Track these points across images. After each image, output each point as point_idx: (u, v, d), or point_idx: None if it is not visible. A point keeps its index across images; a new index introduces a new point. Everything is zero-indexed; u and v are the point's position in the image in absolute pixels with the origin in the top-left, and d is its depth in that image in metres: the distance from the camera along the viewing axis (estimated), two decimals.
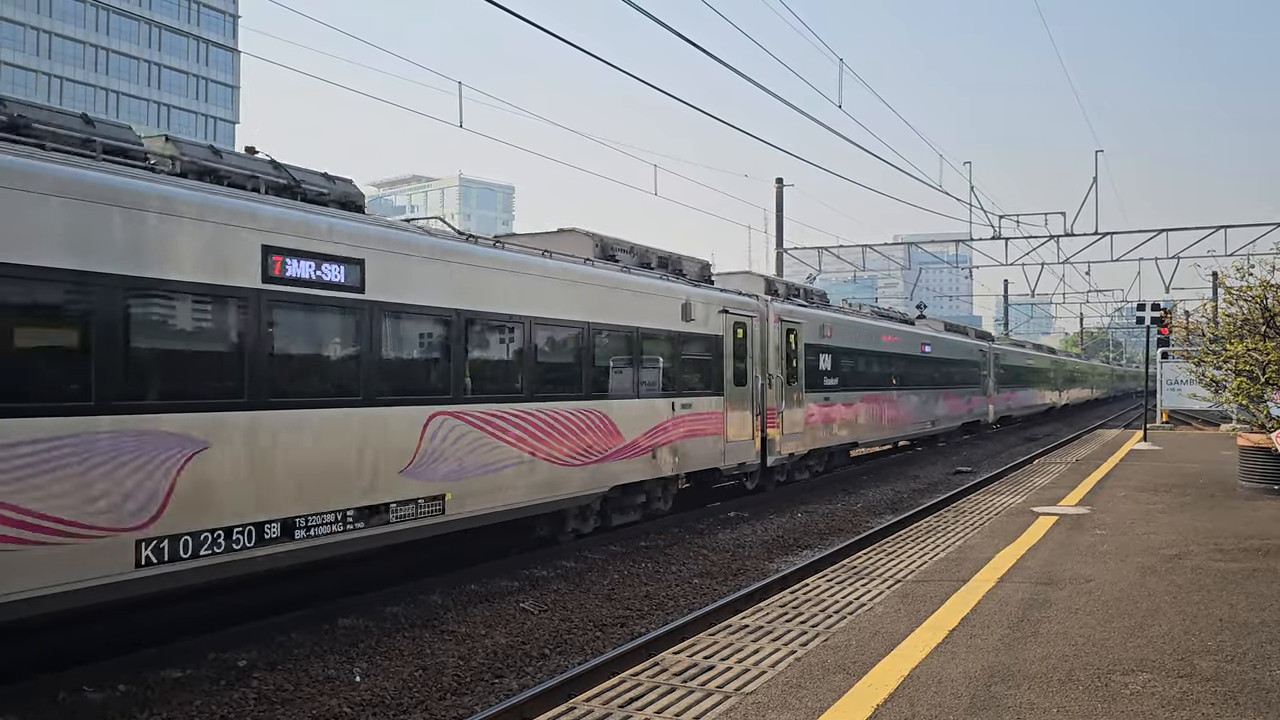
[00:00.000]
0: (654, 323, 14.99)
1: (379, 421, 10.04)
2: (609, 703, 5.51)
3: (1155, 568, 8.78)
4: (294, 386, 9.26)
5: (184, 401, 8.29)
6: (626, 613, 10.71)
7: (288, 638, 9.80)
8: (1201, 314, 15.14)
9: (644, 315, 14.75)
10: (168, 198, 8.21)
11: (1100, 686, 5.50)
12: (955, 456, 29.38)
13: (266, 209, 9.12)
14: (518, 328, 12.23)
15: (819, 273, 37.08)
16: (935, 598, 7.68)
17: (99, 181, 7.74)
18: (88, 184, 7.63)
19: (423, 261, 10.84)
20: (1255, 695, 5.35)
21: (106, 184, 7.78)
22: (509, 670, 8.79)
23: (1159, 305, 25.33)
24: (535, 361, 12.53)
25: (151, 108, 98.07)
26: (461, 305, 11.27)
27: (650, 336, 14.91)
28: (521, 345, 12.32)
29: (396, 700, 7.94)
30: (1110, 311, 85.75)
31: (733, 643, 6.71)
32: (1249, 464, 14.45)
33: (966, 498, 15.09)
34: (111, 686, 8.44)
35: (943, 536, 10.88)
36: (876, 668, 5.87)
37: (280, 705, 7.91)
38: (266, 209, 9.12)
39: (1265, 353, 9.76)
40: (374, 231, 10.35)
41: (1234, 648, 6.25)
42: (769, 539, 15.28)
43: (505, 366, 12.14)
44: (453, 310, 11.16)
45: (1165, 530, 10.83)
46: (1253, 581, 8.18)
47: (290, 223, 9.25)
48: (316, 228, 9.50)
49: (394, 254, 10.40)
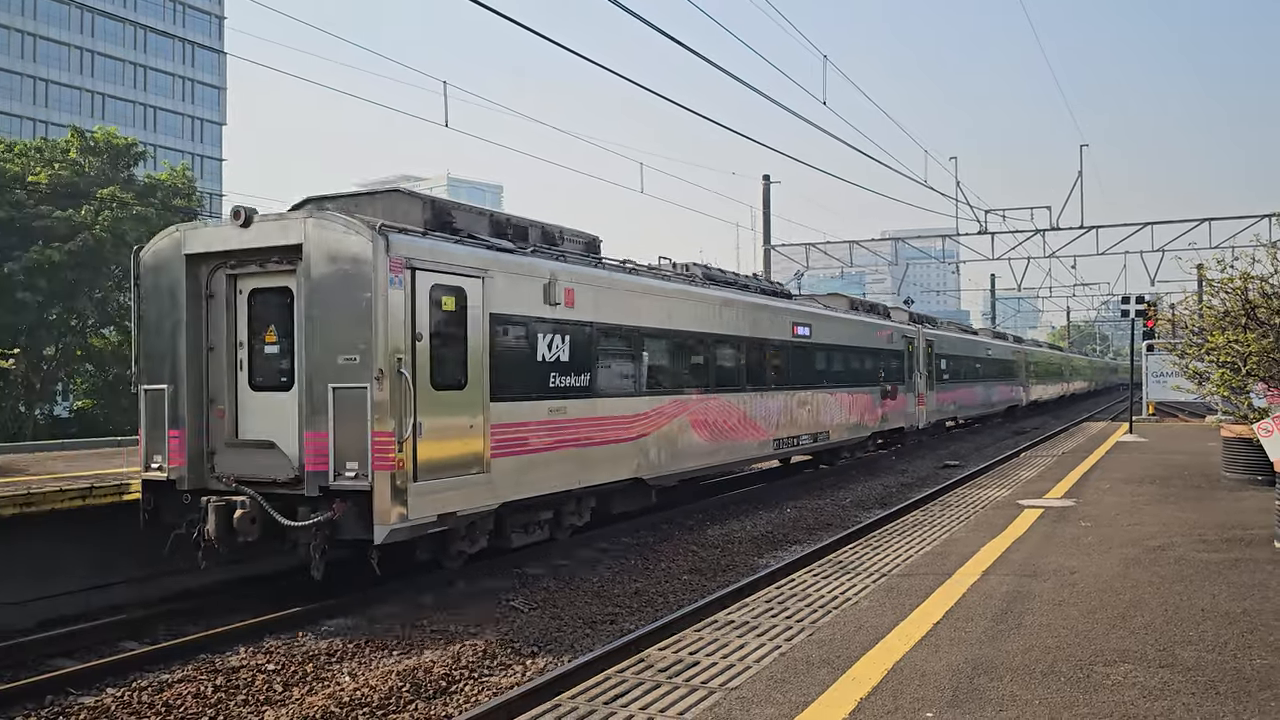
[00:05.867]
0: (879, 345, 25.71)
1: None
2: (594, 700, 5.54)
3: (1139, 559, 8.84)
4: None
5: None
6: (616, 610, 10.73)
7: (277, 638, 9.80)
8: (1185, 307, 15.29)
9: (880, 341, 25.94)
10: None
11: (1082, 677, 5.55)
12: (943, 450, 29.47)
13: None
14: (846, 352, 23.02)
15: (806, 269, 37.17)
16: (920, 591, 7.72)
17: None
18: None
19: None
20: (1235, 684, 5.40)
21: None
22: (498, 669, 8.81)
23: (1143, 298, 25.47)
24: (827, 361, 22.06)
25: (137, 109, 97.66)
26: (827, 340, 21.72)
27: (870, 350, 24.96)
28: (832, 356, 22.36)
29: (385, 700, 7.95)
30: (1096, 305, 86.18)
31: (719, 638, 6.74)
32: (1232, 455, 14.56)
33: (953, 491, 15.17)
34: (99, 688, 8.45)
35: (929, 530, 10.94)
36: (860, 661, 5.90)
37: (269, 705, 7.92)
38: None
39: (1246, 344, 9.82)
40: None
41: (1215, 637, 6.30)
42: (758, 535, 15.33)
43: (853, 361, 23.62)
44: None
45: (1149, 522, 10.91)
46: (1235, 572, 8.25)
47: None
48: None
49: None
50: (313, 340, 10.14)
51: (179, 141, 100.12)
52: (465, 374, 10.91)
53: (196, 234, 11.06)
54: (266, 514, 10.06)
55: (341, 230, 10.09)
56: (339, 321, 10.00)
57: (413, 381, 10.09)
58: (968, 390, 35.49)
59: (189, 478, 10.80)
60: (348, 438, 9.83)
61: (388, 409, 9.82)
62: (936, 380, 30.70)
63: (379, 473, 9.75)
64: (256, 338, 10.92)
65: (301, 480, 10.14)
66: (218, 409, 10.97)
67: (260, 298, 10.87)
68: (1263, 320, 9.82)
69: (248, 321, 10.94)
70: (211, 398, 11.00)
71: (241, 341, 10.96)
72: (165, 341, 11.03)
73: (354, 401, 9.82)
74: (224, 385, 10.96)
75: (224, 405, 10.94)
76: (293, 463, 10.31)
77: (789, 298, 22.05)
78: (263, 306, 10.87)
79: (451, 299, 10.79)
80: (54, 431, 38.71)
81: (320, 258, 10.13)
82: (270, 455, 10.49)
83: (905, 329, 28.52)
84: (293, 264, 10.42)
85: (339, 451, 9.87)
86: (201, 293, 11.01)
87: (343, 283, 9.98)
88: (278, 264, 10.57)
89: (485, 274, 11.21)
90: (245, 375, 10.96)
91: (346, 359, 9.90)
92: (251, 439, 10.76)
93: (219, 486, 10.67)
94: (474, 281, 11.05)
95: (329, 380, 9.95)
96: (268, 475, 10.39)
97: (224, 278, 10.95)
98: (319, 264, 10.12)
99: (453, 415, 10.70)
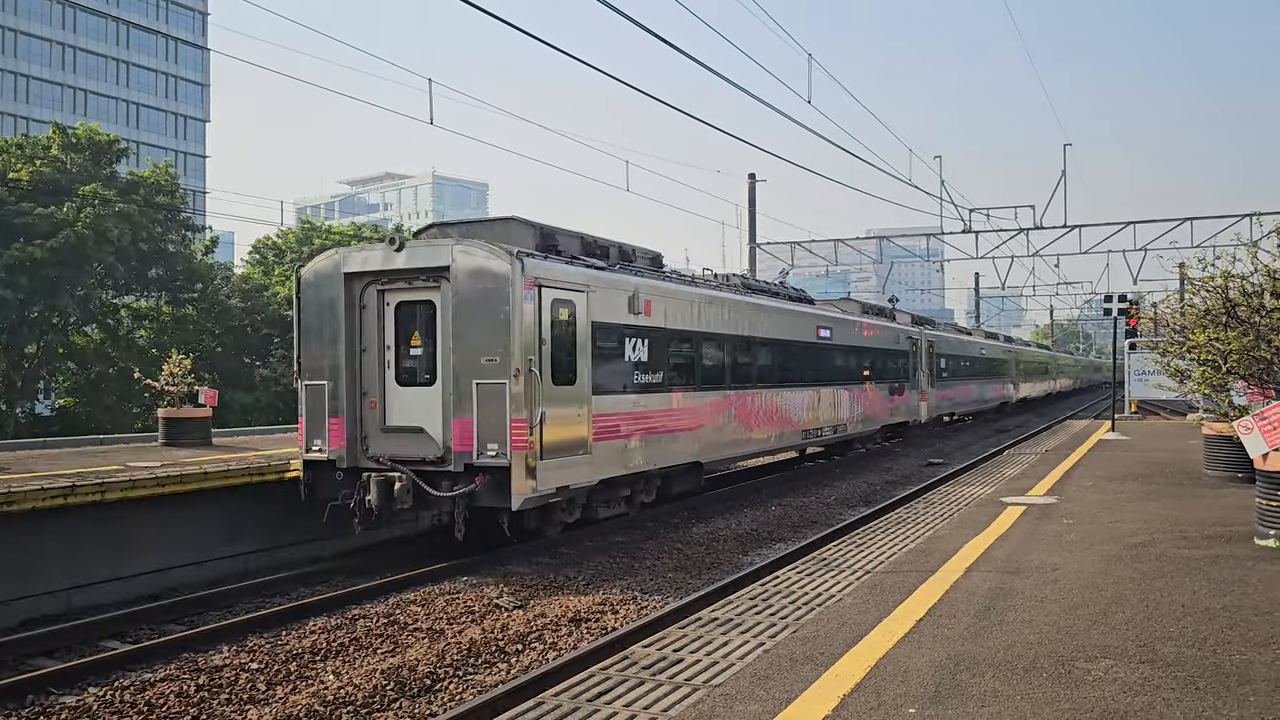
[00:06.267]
0: (885, 344, 27.81)
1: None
2: (577, 697, 5.54)
3: (1120, 556, 8.90)
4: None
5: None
6: (601, 607, 10.74)
7: (260, 636, 9.78)
8: (1167, 305, 15.41)
9: (887, 341, 27.98)
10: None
11: (1063, 673, 5.58)
12: (928, 449, 29.59)
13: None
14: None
15: (791, 267, 37.23)
16: (904, 588, 7.75)
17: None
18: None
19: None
20: (1215, 679, 5.44)
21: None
22: (483, 667, 8.80)
23: (1125, 297, 25.62)
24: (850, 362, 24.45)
25: (120, 106, 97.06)
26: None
27: (881, 350, 27.26)
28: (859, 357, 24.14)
29: (369, 698, 7.93)
30: (1080, 303, 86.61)
31: (702, 635, 6.76)
32: (1213, 452, 14.67)
33: (937, 489, 15.22)
34: (80, 687, 8.40)
35: (913, 528, 10.98)
36: (844, 658, 5.92)
37: (252, 704, 7.90)
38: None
39: (1227, 342, 9.88)
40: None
41: (1195, 633, 6.34)
42: (743, 532, 15.36)
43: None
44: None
45: (1131, 519, 10.98)
46: (1215, 568, 8.31)
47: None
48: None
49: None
50: (458, 344, 12.22)
51: (162, 138, 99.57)
52: (575, 372, 13.14)
53: (353, 256, 13.21)
54: (419, 486, 12.24)
55: (484, 255, 12.24)
56: (481, 329, 12.08)
57: (540, 378, 12.25)
58: (964, 388, 37.84)
59: (346, 458, 12.84)
60: (488, 424, 11.95)
61: (522, 401, 11.96)
62: (936, 378, 32.82)
63: (516, 452, 11.88)
64: (402, 342, 12.95)
65: (446, 459, 12.28)
66: (370, 401, 12.98)
67: (406, 309, 12.94)
68: (1243, 318, 9.89)
69: (394, 328, 12.97)
70: (364, 391, 13.01)
71: (389, 345, 12.97)
72: (324, 345, 13.07)
73: (494, 394, 11.95)
74: (375, 381, 12.99)
75: (375, 398, 12.97)
76: (439, 444, 12.42)
77: (811, 303, 24.01)
78: (408, 316, 12.93)
79: (566, 310, 13.03)
80: (35, 430, 38.43)
81: (465, 277, 12.22)
82: (419, 438, 12.58)
83: (910, 331, 30.60)
84: (436, 282, 12.53)
85: (481, 435, 11.98)
86: (356, 304, 13.01)
87: (485, 298, 12.09)
88: (423, 282, 12.67)
89: (588, 289, 13.47)
90: (392, 373, 12.98)
91: (488, 360, 12.02)
92: (401, 425, 12.80)
93: (371, 465, 12.69)
94: (581, 295, 13.30)
95: (473, 377, 12.04)
96: (417, 455, 12.49)
97: (375, 292, 12.99)
98: (464, 282, 12.22)
99: (566, 406, 12.89)
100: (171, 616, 10.85)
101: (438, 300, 12.58)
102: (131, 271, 40.93)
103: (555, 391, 12.60)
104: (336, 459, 12.86)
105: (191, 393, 18.05)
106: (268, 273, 50.39)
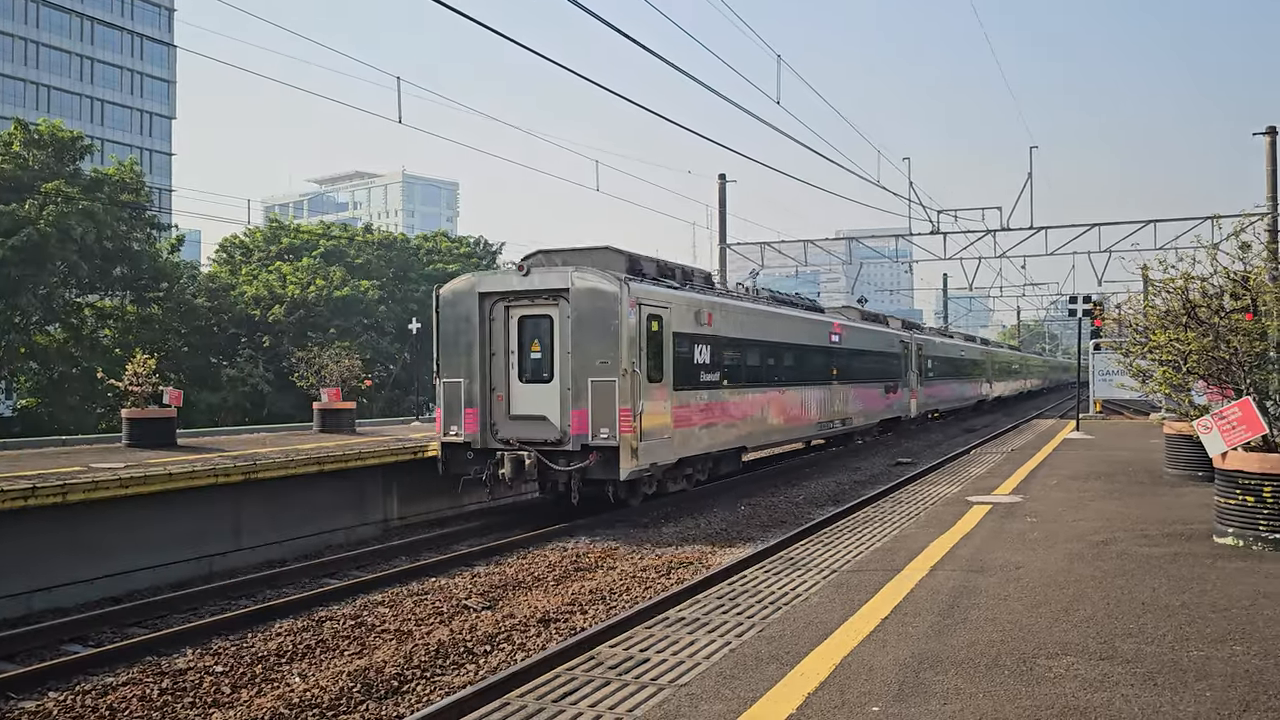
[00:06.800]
0: (881, 347, 30.57)
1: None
2: (543, 698, 5.54)
3: (1083, 554, 9.00)
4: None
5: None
6: (570, 608, 10.74)
7: (225, 639, 9.70)
8: (1130, 306, 15.63)
9: (882, 345, 30.91)
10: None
11: (1025, 670, 5.64)
12: (896, 449, 29.80)
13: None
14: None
15: (762, 268, 37.34)
16: (869, 587, 7.80)
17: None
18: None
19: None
20: (1173, 675, 5.52)
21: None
22: (451, 668, 8.78)
23: (1090, 298, 25.91)
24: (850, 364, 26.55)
25: (84, 102, 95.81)
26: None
27: (878, 353, 30.13)
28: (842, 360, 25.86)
29: (335, 700, 7.89)
30: (1046, 304, 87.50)
31: (669, 635, 6.77)
32: (1174, 452, 14.87)
33: (904, 488, 15.33)
34: (40, 692, 8.30)
35: (880, 526, 11.05)
36: (809, 657, 5.95)
37: (217, 708, 7.83)
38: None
39: (1187, 343, 10.00)
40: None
41: (1154, 630, 6.43)
42: (712, 532, 15.40)
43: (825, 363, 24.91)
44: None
45: (1094, 517, 11.10)
46: (1175, 565, 8.42)
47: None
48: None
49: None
50: (576, 349, 15.20)
51: (127, 135, 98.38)
52: (662, 372, 16.17)
53: (487, 279, 16.40)
54: (543, 463, 15.26)
55: (597, 279, 15.33)
56: (595, 337, 15.08)
57: (639, 377, 15.24)
58: (948, 387, 41.51)
59: (479, 440, 15.85)
60: (601, 412, 14.97)
61: (627, 395, 14.99)
62: (924, 378, 36.25)
63: (623, 435, 14.92)
64: (524, 347, 15.90)
65: (564, 440, 15.33)
66: (498, 394, 16.02)
67: (528, 321, 15.91)
68: (1203, 320, 10.00)
69: (518, 337, 15.94)
70: (493, 387, 16.03)
71: (513, 350, 15.96)
72: (460, 350, 16.03)
73: (606, 389, 14.98)
74: (502, 379, 16.00)
75: (501, 392, 16.00)
76: (558, 429, 15.45)
77: (821, 311, 27.81)
78: (530, 327, 15.88)
79: (656, 322, 16.09)
80: None
81: (582, 296, 15.21)
82: (541, 424, 15.62)
83: (902, 335, 34.10)
84: (555, 300, 15.55)
85: (595, 421, 15.00)
86: (487, 318, 15.98)
87: (599, 313, 15.10)
88: (544, 300, 15.69)
89: (670, 305, 16.62)
90: (515, 372, 15.94)
91: (601, 362, 15.04)
92: (525, 414, 15.80)
93: (501, 446, 15.69)
94: (665, 310, 16.43)
95: (589, 375, 15.09)
96: (540, 437, 15.52)
97: (502, 308, 16.01)
98: (581, 300, 15.21)
99: (656, 400, 15.91)
100: (136, 619, 10.74)
101: (555, 315, 15.56)
102: (95, 270, 40.40)
103: (649, 388, 15.57)
104: (471, 441, 15.88)
105: (156, 393, 17.86)
106: (235, 272, 49.91)
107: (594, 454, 14.92)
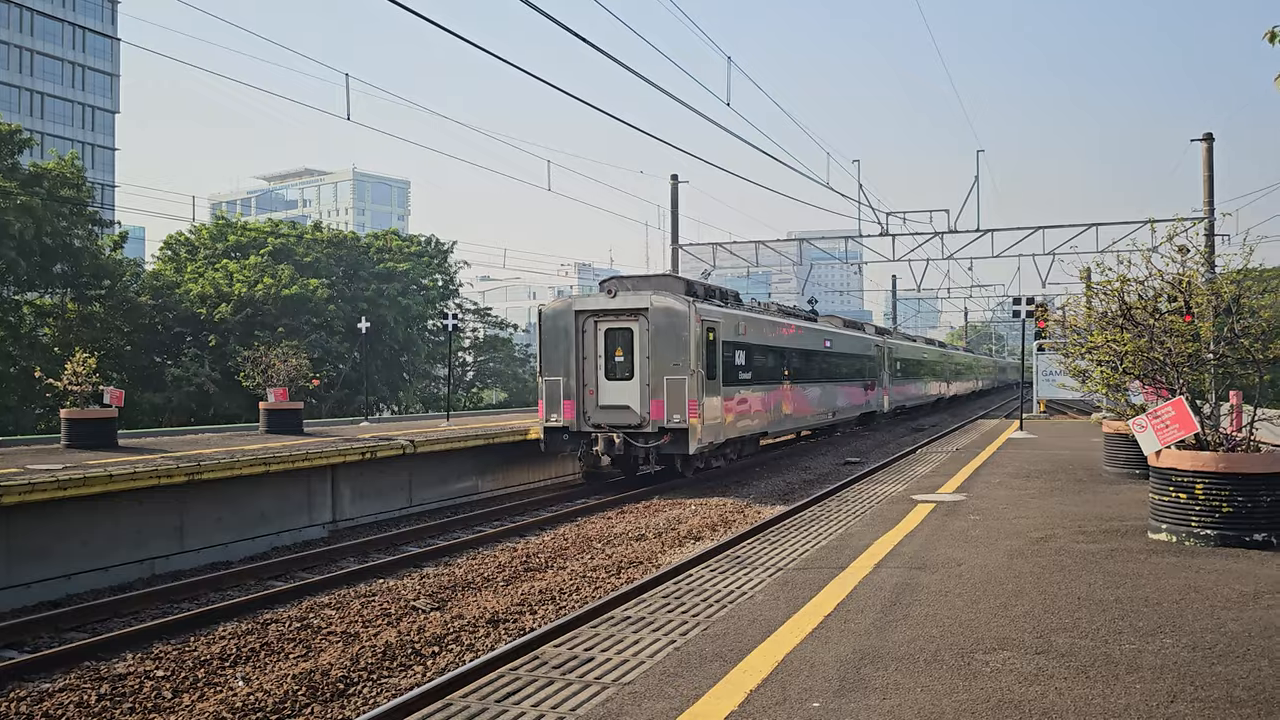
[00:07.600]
0: (860, 351, 35.18)
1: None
2: (485, 698, 5.54)
3: (1022, 550, 9.18)
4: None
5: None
6: (520, 608, 10.72)
7: (167, 643, 9.56)
8: (1071, 308, 15.95)
9: (861, 349, 35.08)
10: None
11: (963, 665, 5.74)
12: (845, 448, 30.11)
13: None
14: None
15: (714, 268, 37.53)
16: (814, 584, 7.89)
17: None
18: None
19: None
20: (1105, 668, 5.66)
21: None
22: (398, 670, 8.73)
23: (1034, 299, 26.37)
24: (836, 366, 30.87)
25: (24, 95, 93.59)
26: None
27: (858, 355, 34.76)
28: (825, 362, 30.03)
29: (280, 704, 7.81)
30: (992, 306, 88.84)
31: (614, 634, 6.80)
32: (1112, 450, 15.21)
33: (852, 487, 15.49)
34: None
35: (826, 525, 11.17)
36: (752, 654, 6.01)
37: (158, 713, 7.72)
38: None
39: (1123, 344, 10.25)
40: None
41: (1089, 624, 6.58)
42: (662, 531, 15.43)
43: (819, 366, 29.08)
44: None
45: (1034, 514, 11.32)
46: (1110, 561, 8.62)
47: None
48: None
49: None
50: (653, 355, 19.49)
51: (68, 129, 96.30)
52: (716, 372, 20.42)
53: (582, 300, 20.64)
54: (627, 442, 19.45)
55: (671, 300, 19.76)
56: (669, 345, 19.41)
57: (701, 376, 19.50)
58: (913, 386, 46.50)
59: (574, 425, 20.07)
60: (674, 402, 19.28)
61: (694, 389, 19.31)
62: (894, 378, 41.10)
63: (691, 420, 19.26)
64: (610, 353, 20.05)
65: (644, 424, 19.56)
66: (589, 389, 20.12)
67: (612, 333, 20.04)
68: (1138, 321, 10.25)
69: (604, 345, 20.09)
70: (584, 383, 20.14)
71: (600, 355, 20.09)
72: (559, 355, 20.26)
73: (678, 385, 19.32)
74: (591, 377, 20.12)
75: (592, 388, 20.11)
76: (639, 415, 19.64)
77: (816, 320, 32.36)
78: (614, 337, 20.03)
79: (712, 334, 20.36)
80: None
81: (658, 314, 19.54)
82: (624, 412, 19.80)
83: (877, 340, 38.70)
84: (635, 317, 19.81)
85: (669, 409, 19.30)
86: (579, 330, 20.12)
87: (672, 326, 19.47)
88: (626, 317, 19.91)
89: (720, 320, 20.98)
90: (602, 372, 20.06)
91: (674, 364, 19.35)
92: (612, 404, 19.95)
93: (592, 429, 19.93)
94: (718, 323, 20.77)
95: (664, 375, 19.39)
96: (625, 422, 19.75)
97: (592, 322, 20.16)
98: (658, 317, 19.54)
99: (711, 394, 20.23)
100: (74, 624, 10.55)
101: (635, 328, 19.80)
102: (34, 267, 39.44)
103: (708, 384, 19.86)
104: (569, 425, 20.07)
105: (97, 393, 17.52)
106: (180, 269, 49.03)
107: (668, 435, 19.14)
